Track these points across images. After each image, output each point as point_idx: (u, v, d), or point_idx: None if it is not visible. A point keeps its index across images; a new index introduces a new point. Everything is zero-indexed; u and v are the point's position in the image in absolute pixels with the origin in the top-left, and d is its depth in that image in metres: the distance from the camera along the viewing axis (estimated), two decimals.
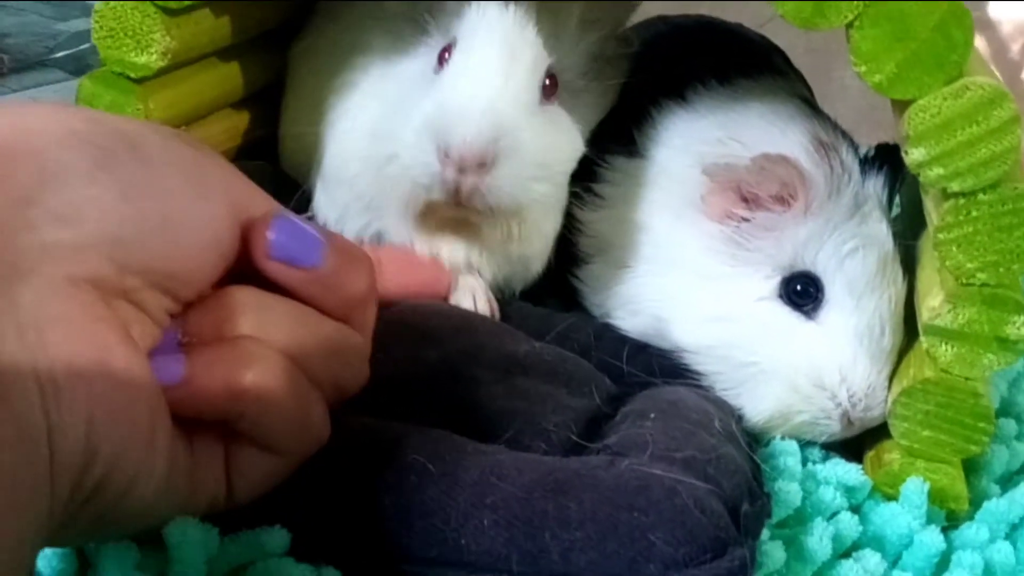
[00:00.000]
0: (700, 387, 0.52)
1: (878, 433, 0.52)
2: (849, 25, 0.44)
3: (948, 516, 0.49)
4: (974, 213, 0.45)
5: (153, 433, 0.34)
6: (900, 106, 0.45)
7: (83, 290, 0.33)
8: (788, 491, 0.45)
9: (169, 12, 0.53)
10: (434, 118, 0.51)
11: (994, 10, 1.72)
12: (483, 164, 0.50)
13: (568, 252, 0.61)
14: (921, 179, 0.45)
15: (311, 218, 0.64)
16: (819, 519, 0.46)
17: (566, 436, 0.46)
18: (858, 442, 0.53)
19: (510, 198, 0.51)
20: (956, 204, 0.45)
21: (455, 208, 0.52)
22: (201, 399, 0.36)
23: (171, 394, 0.36)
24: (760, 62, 0.61)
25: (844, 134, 0.56)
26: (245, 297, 0.38)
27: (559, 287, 0.63)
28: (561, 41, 0.56)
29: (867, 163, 0.53)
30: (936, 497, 0.49)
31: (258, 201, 0.40)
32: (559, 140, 0.55)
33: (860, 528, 0.46)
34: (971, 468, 0.52)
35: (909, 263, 0.53)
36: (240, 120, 0.68)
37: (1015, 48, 1.71)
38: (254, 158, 0.69)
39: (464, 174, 0.50)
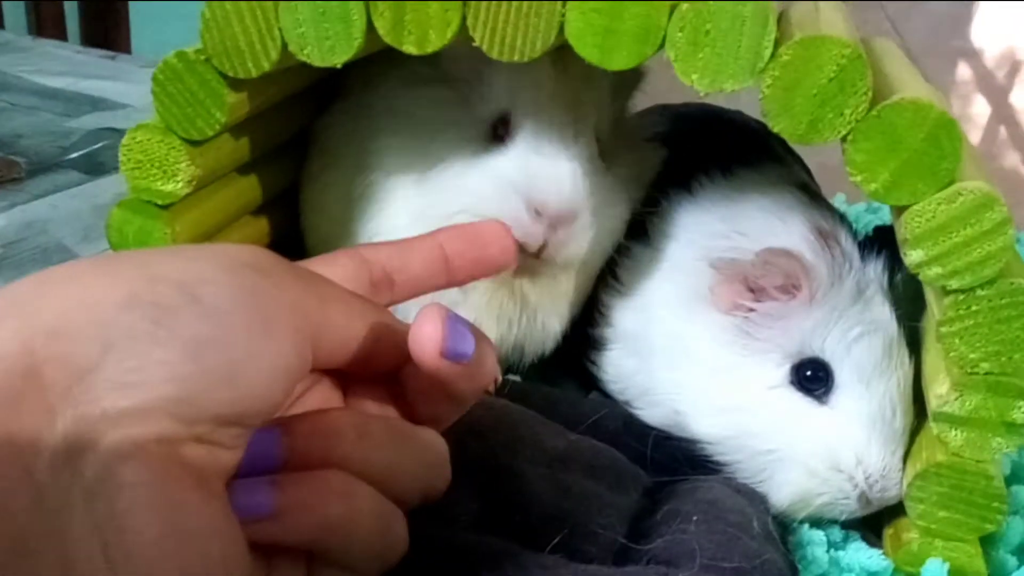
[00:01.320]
0: (727, 476, 0.54)
1: (896, 507, 0.54)
2: (843, 139, 0.46)
3: None
4: (974, 307, 0.47)
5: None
6: (898, 210, 0.47)
7: (149, 451, 0.34)
8: None
9: (193, 143, 0.56)
10: (523, 181, 0.56)
11: (977, 39, 1.75)
12: (560, 226, 0.56)
13: (587, 337, 0.63)
14: (921, 278, 0.47)
15: None
16: None
17: (613, 538, 0.48)
18: (877, 515, 0.55)
19: (580, 249, 0.58)
20: (956, 300, 0.47)
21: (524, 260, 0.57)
22: (287, 533, 0.37)
23: (256, 525, 0.37)
24: (760, 149, 0.63)
25: (843, 218, 0.58)
26: (345, 422, 0.39)
27: (574, 371, 0.65)
28: (599, 106, 0.60)
29: (866, 247, 0.55)
30: (956, 575, 0.51)
31: (334, 310, 0.40)
32: (612, 199, 0.60)
33: None
34: (987, 540, 0.54)
35: (914, 343, 0.55)
36: (261, 225, 0.70)
37: (1001, 75, 1.75)
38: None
39: (554, 231, 0.56)
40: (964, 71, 1.76)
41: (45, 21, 1.90)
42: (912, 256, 0.46)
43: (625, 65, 0.47)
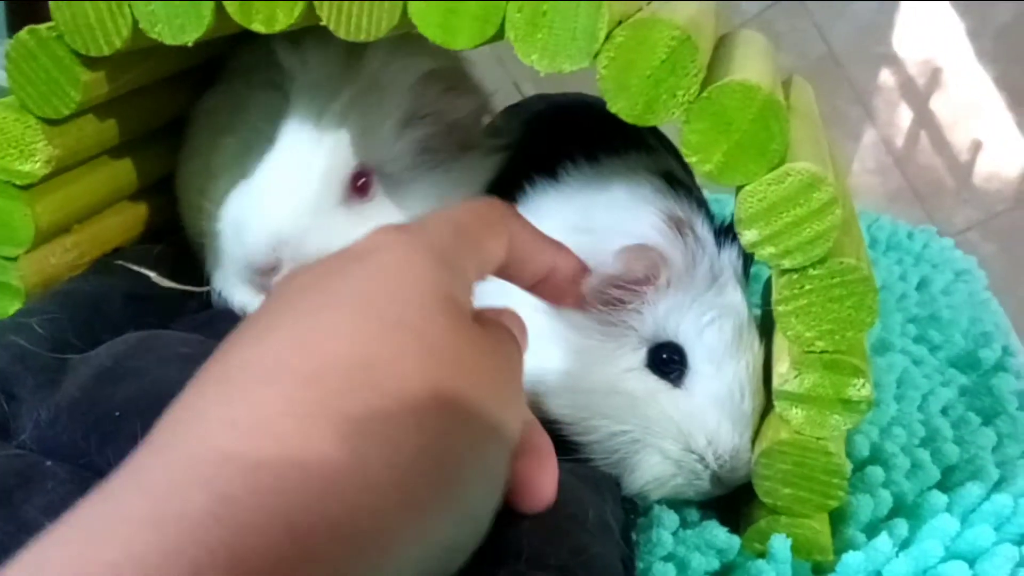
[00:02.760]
0: (579, 460, 0.54)
1: (749, 486, 0.55)
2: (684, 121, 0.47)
3: (815, 567, 0.52)
4: (807, 286, 0.48)
5: None
6: (736, 191, 0.48)
7: None
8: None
9: (50, 122, 0.55)
10: (232, 225, 0.58)
11: (899, 46, 1.79)
12: (273, 269, 0.57)
13: None
14: (757, 257, 0.48)
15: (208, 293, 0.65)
16: None
17: None
18: (736, 499, 0.56)
19: None
20: (790, 279, 0.48)
21: None
22: None
23: None
24: (630, 138, 0.64)
25: (702, 204, 0.59)
26: None
27: None
28: (379, 137, 0.60)
29: (722, 235, 0.56)
30: (801, 550, 0.52)
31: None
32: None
33: None
34: (838, 518, 0.55)
35: (768, 328, 0.56)
36: (139, 210, 0.69)
37: (921, 82, 1.79)
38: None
39: (266, 276, 0.58)
40: (888, 77, 1.80)
41: None
42: (747, 236, 0.47)
43: (468, 45, 0.48)
